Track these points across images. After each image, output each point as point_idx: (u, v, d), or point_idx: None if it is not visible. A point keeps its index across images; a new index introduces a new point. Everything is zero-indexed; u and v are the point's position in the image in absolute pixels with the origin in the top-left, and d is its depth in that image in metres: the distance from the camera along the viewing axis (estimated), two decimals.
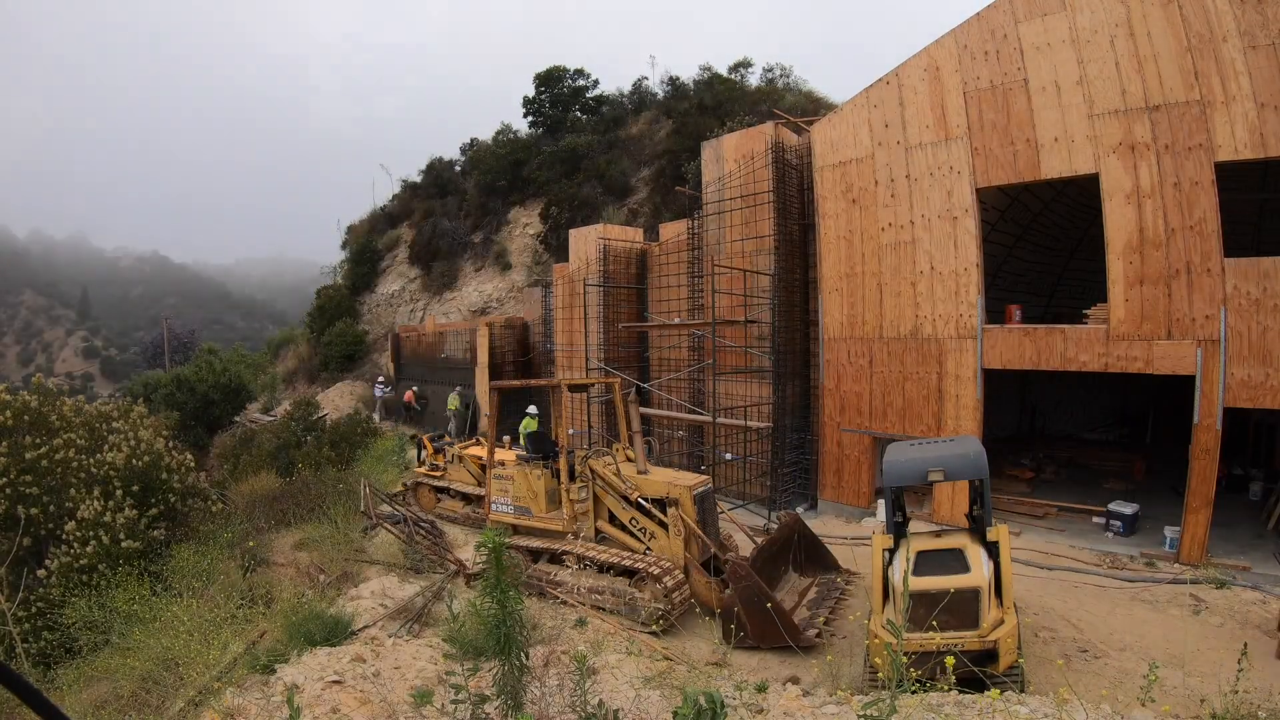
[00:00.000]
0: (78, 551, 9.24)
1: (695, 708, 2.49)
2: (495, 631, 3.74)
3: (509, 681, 3.78)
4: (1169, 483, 12.15)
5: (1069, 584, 8.81)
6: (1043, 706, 4.36)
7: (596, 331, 17.01)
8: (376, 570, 9.96)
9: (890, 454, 6.73)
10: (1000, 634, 5.51)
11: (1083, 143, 9.72)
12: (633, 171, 27.27)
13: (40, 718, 1.02)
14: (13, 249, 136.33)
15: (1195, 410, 8.94)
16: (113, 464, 10.45)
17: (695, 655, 6.91)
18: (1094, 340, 9.85)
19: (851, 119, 12.23)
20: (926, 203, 11.32)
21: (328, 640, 6.51)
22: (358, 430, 18.05)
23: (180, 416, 23.88)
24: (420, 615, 7.99)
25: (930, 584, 5.55)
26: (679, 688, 5.08)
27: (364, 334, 32.41)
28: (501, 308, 27.21)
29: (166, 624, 6.86)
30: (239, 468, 16.35)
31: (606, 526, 9.10)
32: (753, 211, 13.59)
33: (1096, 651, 6.81)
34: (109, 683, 6.70)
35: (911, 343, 11.62)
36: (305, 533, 11.15)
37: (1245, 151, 8.52)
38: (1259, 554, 9.19)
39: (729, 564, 7.51)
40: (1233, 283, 8.73)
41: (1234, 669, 4.45)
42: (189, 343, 46.24)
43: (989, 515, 6.31)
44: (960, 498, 10.71)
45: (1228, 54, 8.54)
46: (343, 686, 5.25)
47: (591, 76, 33.49)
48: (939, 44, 11.07)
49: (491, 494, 10.19)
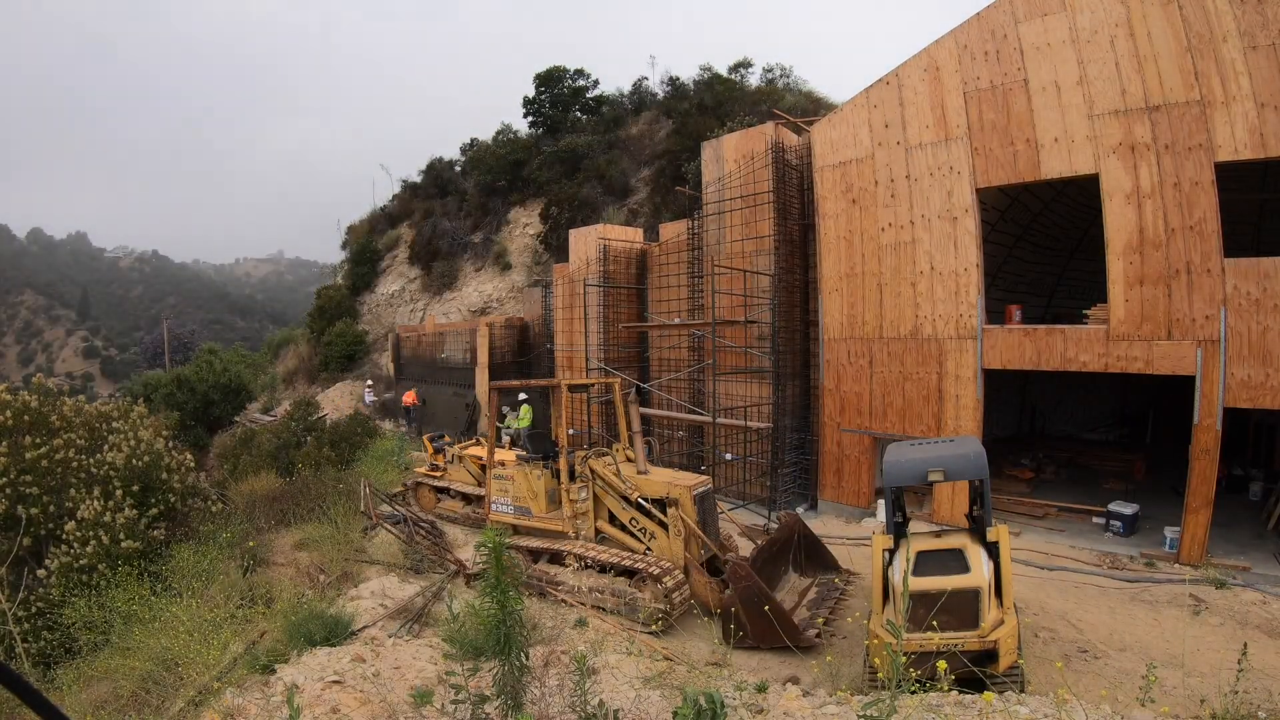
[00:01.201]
0: (77, 551, 9.24)
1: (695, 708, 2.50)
2: (495, 631, 3.74)
3: (509, 681, 3.77)
4: (1169, 483, 12.15)
5: (1069, 584, 8.81)
6: (1042, 707, 4.36)
7: (596, 331, 17.01)
8: (376, 570, 9.96)
9: (890, 454, 6.73)
10: (1000, 634, 5.51)
11: (1083, 143, 9.72)
12: (633, 171, 27.27)
13: (40, 718, 1.02)
14: (13, 249, 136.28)
15: (1195, 410, 8.95)
16: (113, 464, 10.44)
17: (695, 655, 6.91)
18: (1094, 340, 9.85)
19: (851, 119, 12.23)
20: (926, 203, 11.32)
21: (328, 640, 6.51)
22: (358, 430, 18.05)
23: (180, 416, 23.88)
24: (420, 615, 7.98)
25: (930, 584, 5.55)
26: (679, 688, 5.08)
27: (364, 334, 32.42)
28: (501, 308, 27.21)
29: (166, 624, 6.86)
30: (239, 468, 16.34)
31: (606, 527, 9.11)
32: (753, 212, 13.59)
33: (1096, 652, 6.81)
34: (109, 683, 6.70)
35: (911, 343, 11.62)
36: (305, 533, 11.14)
37: (1245, 152, 8.52)
38: (1259, 554, 9.19)
39: (729, 564, 7.51)
40: (1233, 283, 8.73)
41: (1234, 669, 4.45)
42: (189, 343, 46.24)
43: (989, 515, 6.31)
44: (960, 498, 10.71)
45: (1228, 54, 8.54)
46: (343, 686, 5.25)
47: (591, 76, 33.54)
48: (939, 44, 11.07)
49: (491, 494, 10.19)
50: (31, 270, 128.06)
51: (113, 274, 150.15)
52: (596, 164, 27.46)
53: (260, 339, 69.47)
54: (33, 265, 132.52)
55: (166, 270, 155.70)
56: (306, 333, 36.02)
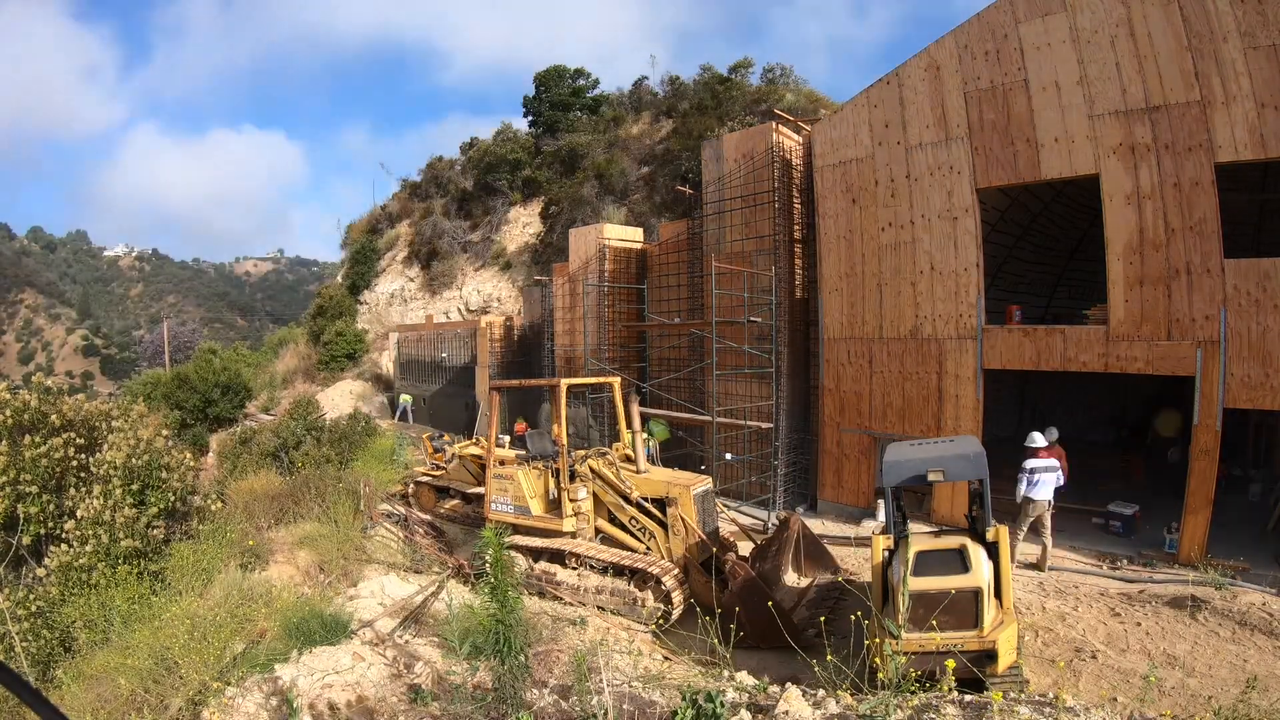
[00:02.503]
0: (77, 550, 9.23)
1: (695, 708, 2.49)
2: (495, 631, 3.74)
3: (509, 681, 3.77)
4: (1169, 483, 12.15)
5: (1068, 584, 8.81)
6: (1042, 707, 4.36)
7: (596, 331, 17.01)
8: (376, 569, 9.95)
9: (890, 454, 6.73)
10: (1000, 634, 5.52)
11: (1083, 143, 9.72)
12: (633, 171, 27.26)
13: (40, 717, 1.01)
14: (13, 248, 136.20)
15: (1195, 411, 8.95)
16: (112, 463, 10.43)
17: (695, 655, 6.91)
18: (1094, 341, 9.85)
19: (852, 119, 12.23)
20: (926, 203, 11.32)
21: (327, 639, 6.50)
22: (358, 430, 18.03)
23: (180, 415, 23.87)
24: (420, 615, 7.98)
25: (930, 584, 5.55)
26: (679, 688, 5.08)
27: (363, 333, 32.41)
28: (501, 307, 27.21)
29: (166, 623, 6.85)
30: (238, 467, 16.32)
31: (606, 526, 9.11)
32: (752, 211, 13.59)
33: (1096, 652, 6.81)
34: (109, 682, 6.70)
35: (911, 343, 11.62)
36: (305, 531, 11.13)
37: (1245, 152, 8.52)
38: (1259, 555, 9.19)
39: (729, 564, 7.51)
40: (1233, 283, 8.73)
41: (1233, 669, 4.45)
42: (189, 342, 46.24)
43: (989, 516, 6.31)
44: (960, 498, 10.71)
45: (1228, 54, 8.53)
46: (342, 686, 5.25)
47: (591, 76, 33.52)
48: (939, 44, 11.07)
49: (491, 493, 10.19)
50: (31, 269, 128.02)
51: (113, 273, 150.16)
52: (596, 164, 27.45)
53: (260, 338, 69.46)
54: (33, 264, 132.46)
55: (166, 269, 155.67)
56: (306, 332, 36.01)
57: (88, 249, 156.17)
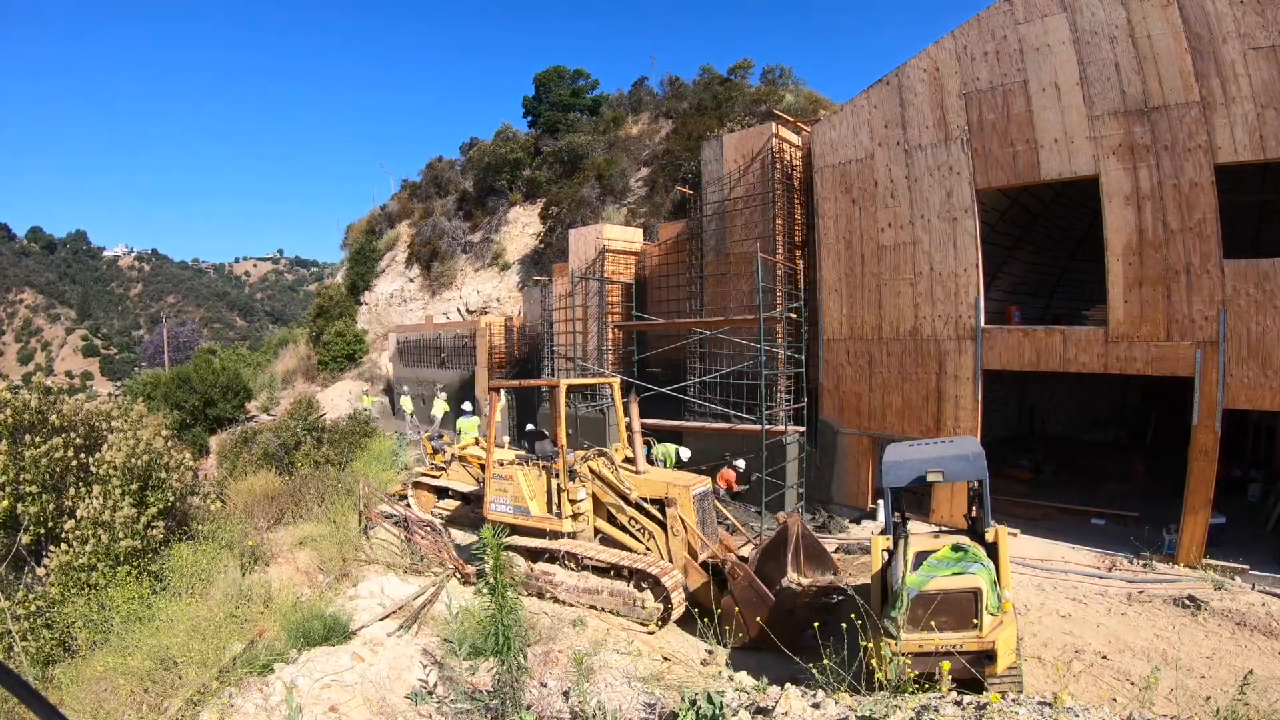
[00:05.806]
0: (76, 550, 9.23)
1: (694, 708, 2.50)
2: (494, 631, 3.75)
3: (508, 681, 3.78)
4: (1169, 484, 12.16)
5: (1068, 585, 8.81)
6: (1041, 708, 4.36)
7: (595, 331, 17.00)
8: (376, 570, 9.95)
9: (889, 455, 6.74)
10: (999, 635, 5.52)
11: (1082, 144, 9.73)
12: (632, 171, 27.26)
13: (39, 718, 1.02)
14: (12, 248, 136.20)
15: (1194, 411, 8.95)
16: (112, 463, 10.43)
17: (694, 655, 6.91)
18: (1093, 341, 9.86)
19: (852, 119, 12.23)
20: (926, 203, 11.32)
21: (326, 640, 6.50)
22: (357, 430, 18.03)
23: (180, 416, 23.87)
24: (419, 615, 7.98)
25: (930, 584, 5.55)
26: (678, 688, 5.08)
27: (363, 333, 32.41)
28: (501, 307, 27.20)
29: (165, 623, 6.86)
30: (238, 467, 16.34)
31: (605, 526, 9.10)
32: (752, 212, 13.59)
33: (1095, 652, 6.82)
34: (108, 682, 6.70)
35: (911, 343, 11.63)
36: (305, 531, 11.14)
37: (1245, 153, 8.53)
38: (1258, 555, 9.19)
39: (728, 564, 7.51)
40: (1232, 284, 8.74)
41: (1233, 670, 4.46)
42: (189, 342, 46.25)
43: (988, 516, 6.32)
44: (959, 499, 10.71)
45: (1228, 55, 8.54)
46: (342, 686, 5.25)
47: (591, 77, 33.55)
48: (939, 45, 11.07)
49: (490, 494, 10.18)
50: (31, 269, 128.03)
51: (112, 273, 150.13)
52: (596, 164, 27.45)
53: (260, 338, 69.47)
54: (32, 264, 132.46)
55: (166, 269, 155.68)
56: (306, 332, 36.01)
57: (87, 249, 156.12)
